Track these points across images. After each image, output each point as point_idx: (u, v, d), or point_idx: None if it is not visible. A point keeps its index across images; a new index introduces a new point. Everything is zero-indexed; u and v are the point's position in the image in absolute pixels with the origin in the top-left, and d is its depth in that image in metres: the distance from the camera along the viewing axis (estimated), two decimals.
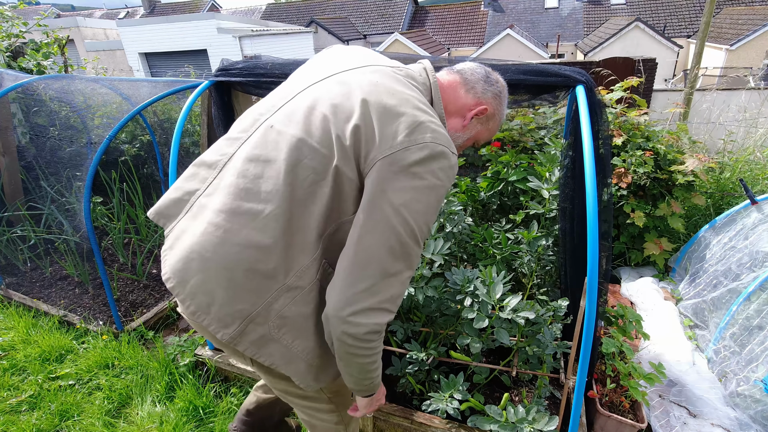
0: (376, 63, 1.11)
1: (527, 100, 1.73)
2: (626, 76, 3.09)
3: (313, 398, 1.23)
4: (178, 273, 1.01)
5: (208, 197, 1.04)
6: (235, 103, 2.24)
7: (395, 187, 0.92)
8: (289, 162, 0.96)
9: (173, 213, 1.10)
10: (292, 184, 0.96)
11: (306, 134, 0.97)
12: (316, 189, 0.96)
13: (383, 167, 0.92)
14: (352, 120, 0.95)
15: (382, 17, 24.40)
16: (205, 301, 0.99)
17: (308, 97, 1.03)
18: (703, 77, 8.82)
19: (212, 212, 1.00)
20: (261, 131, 1.04)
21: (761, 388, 1.80)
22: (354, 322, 0.92)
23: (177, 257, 1.02)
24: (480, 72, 1.18)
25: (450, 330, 1.90)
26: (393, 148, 0.92)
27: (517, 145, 3.04)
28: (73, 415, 2.14)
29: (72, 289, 3.17)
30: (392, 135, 0.93)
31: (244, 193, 0.98)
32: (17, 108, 3.94)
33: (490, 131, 1.25)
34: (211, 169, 1.07)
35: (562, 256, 2.04)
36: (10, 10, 5.10)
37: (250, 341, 1.00)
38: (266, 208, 0.96)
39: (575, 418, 1.49)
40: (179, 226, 1.07)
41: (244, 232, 0.96)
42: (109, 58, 14.29)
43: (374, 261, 0.92)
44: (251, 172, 0.99)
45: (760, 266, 2.18)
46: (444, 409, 1.71)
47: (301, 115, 1.01)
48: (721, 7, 18.63)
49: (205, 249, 0.98)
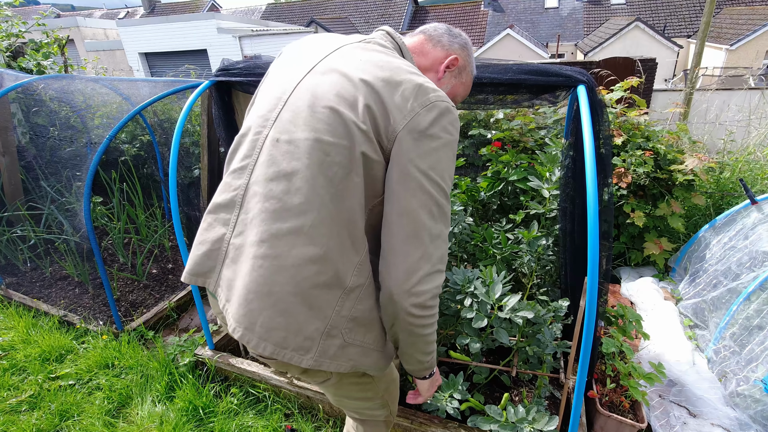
0: (346, 43, 1.09)
1: (527, 100, 1.73)
2: (626, 76, 3.09)
3: (370, 398, 1.25)
4: (243, 319, 0.97)
5: (240, 236, 1.01)
6: (236, 103, 2.24)
7: (418, 152, 0.94)
8: (312, 166, 0.94)
9: (209, 267, 1.06)
10: (324, 186, 0.94)
11: (319, 132, 0.95)
12: (348, 182, 0.95)
13: (403, 137, 0.94)
14: (360, 102, 0.95)
15: (382, 17, 24.40)
16: (279, 335, 0.96)
17: (303, 96, 1.00)
18: (703, 77, 8.82)
19: (252, 247, 0.97)
20: (267, 149, 1.01)
21: (761, 388, 1.80)
22: (419, 291, 0.94)
23: (236, 305, 0.98)
24: (442, 27, 1.19)
25: (450, 330, 1.90)
26: (406, 117, 0.94)
27: (517, 145, 3.04)
28: (73, 415, 2.14)
29: (72, 289, 3.16)
30: (401, 104, 0.95)
31: (278, 215, 0.95)
32: (17, 108, 3.94)
33: (464, 85, 1.25)
34: (230, 209, 1.04)
35: (563, 256, 2.04)
36: (8, 8, 5.09)
37: (330, 356, 0.98)
38: (306, 220, 0.94)
39: (575, 418, 1.49)
40: (224, 277, 1.03)
41: (294, 251, 0.94)
42: (109, 58, 14.29)
43: (420, 228, 0.94)
44: (276, 191, 0.96)
45: (760, 266, 2.18)
46: (444, 408, 1.71)
47: (304, 116, 0.97)
48: (721, 7, 18.64)
49: (261, 285, 0.95)
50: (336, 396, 1.26)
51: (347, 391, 1.22)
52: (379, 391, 1.25)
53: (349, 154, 0.94)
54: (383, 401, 1.30)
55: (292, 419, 2.05)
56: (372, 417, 1.35)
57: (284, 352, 0.96)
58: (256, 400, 2.16)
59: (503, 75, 1.56)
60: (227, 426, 2.01)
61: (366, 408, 1.31)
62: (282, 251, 0.94)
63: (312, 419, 2.04)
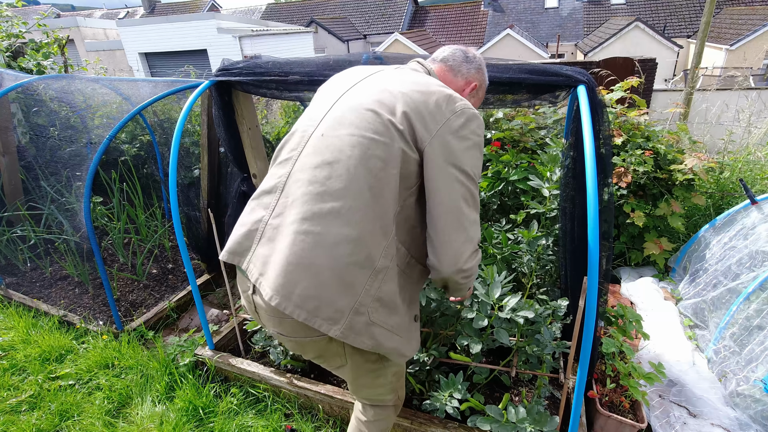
0: (384, 68, 1.29)
1: (527, 100, 1.73)
2: (626, 76, 3.09)
3: (382, 384, 1.35)
4: (281, 288, 1.06)
5: (279, 217, 1.13)
6: (236, 103, 2.24)
7: (453, 151, 1.10)
8: (354, 157, 1.08)
9: (246, 247, 1.16)
10: (363, 176, 1.07)
11: (361, 129, 1.10)
12: (385, 174, 1.08)
13: (439, 139, 1.10)
14: (398, 108, 1.11)
15: (382, 17, 24.40)
16: (313, 305, 1.05)
17: (348, 103, 1.16)
18: (703, 77, 8.81)
19: (294, 224, 1.08)
20: (312, 142, 1.15)
21: (761, 388, 1.80)
22: (466, 269, 1.14)
23: (274, 276, 1.08)
24: (459, 55, 1.35)
25: (450, 330, 1.90)
26: (439, 122, 1.10)
27: (518, 145, 3.04)
28: (73, 415, 2.14)
29: (72, 289, 3.17)
30: (435, 111, 1.11)
31: (320, 197, 1.08)
32: (17, 108, 3.94)
33: (479, 99, 1.45)
34: (272, 194, 1.17)
35: (563, 255, 2.04)
36: (9, 8, 5.09)
37: (356, 332, 1.08)
38: (345, 203, 1.06)
39: (575, 418, 1.49)
40: (258, 255, 1.13)
41: (333, 230, 1.06)
42: (109, 58, 14.29)
43: (460, 216, 1.11)
44: (320, 177, 1.09)
45: (759, 266, 2.18)
46: (443, 408, 1.71)
47: (350, 117, 1.12)
48: (721, 7, 18.64)
49: (302, 257, 1.06)
50: (353, 383, 1.36)
51: (361, 377, 1.31)
52: (388, 376, 1.34)
53: (388, 149, 1.09)
54: (392, 387, 1.40)
55: (292, 419, 2.05)
56: (382, 402, 1.45)
57: (316, 320, 1.06)
58: (256, 400, 2.16)
59: (503, 74, 1.56)
60: (227, 426, 2.01)
61: (377, 394, 1.41)
62: (323, 229, 1.06)
63: (312, 419, 2.04)
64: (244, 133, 2.32)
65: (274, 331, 1.22)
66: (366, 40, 23.65)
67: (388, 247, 1.11)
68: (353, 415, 1.54)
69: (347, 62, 1.83)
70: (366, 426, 1.47)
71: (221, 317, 2.87)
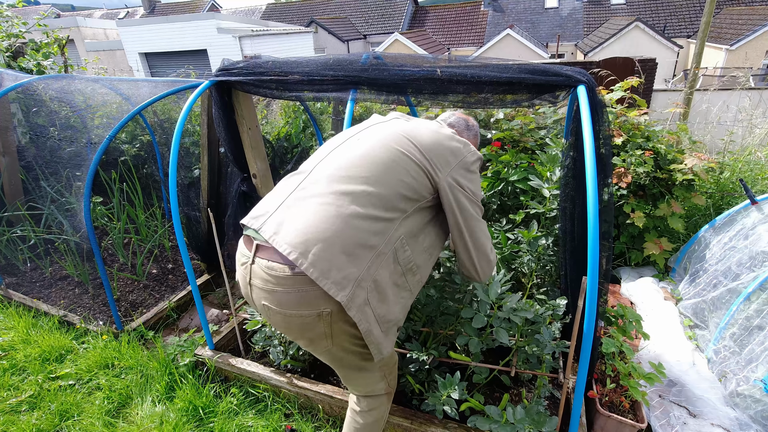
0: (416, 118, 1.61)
1: (527, 100, 1.73)
2: (626, 76, 3.09)
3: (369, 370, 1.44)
4: (299, 246, 1.17)
5: (303, 191, 1.28)
6: (236, 103, 2.24)
7: (465, 181, 1.39)
8: (378, 156, 1.30)
9: (266, 211, 1.29)
10: (386, 174, 1.27)
11: (389, 141, 1.34)
12: (404, 177, 1.29)
13: (456, 172, 1.37)
14: (426, 141, 1.36)
15: (382, 17, 24.40)
16: (326, 266, 1.16)
17: (380, 127, 1.44)
18: (703, 77, 8.81)
19: (316, 197, 1.24)
20: (346, 143, 1.39)
21: (761, 388, 1.80)
22: (487, 268, 1.48)
23: (292, 235, 1.19)
24: (462, 123, 1.70)
25: (450, 330, 1.90)
26: (458, 158, 1.39)
27: (517, 145, 3.04)
28: (73, 415, 2.14)
29: (72, 289, 3.17)
30: (454, 151, 1.40)
31: (345, 179, 1.26)
32: (17, 108, 3.94)
33: None
34: (301, 174, 1.35)
35: (562, 255, 2.04)
36: (9, 9, 5.09)
37: (357, 306, 1.18)
38: (365, 189, 1.24)
39: (575, 418, 1.49)
40: (274, 218, 1.25)
41: (351, 207, 1.21)
42: (109, 58, 14.29)
43: (478, 231, 1.42)
44: (345, 165, 1.30)
45: (759, 266, 2.18)
46: (440, 408, 1.72)
47: (382, 133, 1.38)
48: (721, 7, 18.64)
49: (321, 222, 1.19)
50: (342, 371, 1.44)
51: (347, 365, 1.40)
52: (376, 365, 1.43)
53: (409, 159, 1.32)
54: (382, 375, 1.49)
55: (292, 419, 2.05)
56: (373, 392, 1.51)
57: (326, 282, 1.15)
58: (256, 400, 2.16)
59: (503, 74, 1.56)
60: (227, 426, 2.01)
61: (368, 384, 1.48)
62: (343, 204, 1.22)
63: (312, 419, 2.04)
64: (244, 133, 2.32)
65: (264, 306, 1.27)
66: (366, 40, 23.65)
67: (392, 237, 1.25)
68: (348, 408, 1.58)
69: (347, 62, 1.83)
70: (361, 416, 1.53)
71: (221, 317, 2.87)
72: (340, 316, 1.21)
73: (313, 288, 1.17)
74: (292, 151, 3.62)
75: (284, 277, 1.19)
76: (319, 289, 1.16)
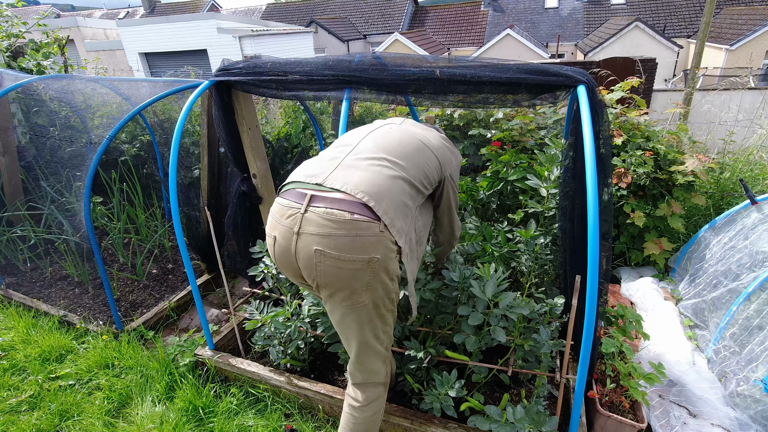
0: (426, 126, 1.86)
1: (527, 100, 1.73)
2: (626, 76, 3.09)
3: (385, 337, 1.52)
4: (375, 195, 1.31)
5: (356, 155, 1.44)
6: (236, 103, 2.24)
7: (455, 175, 1.76)
8: (414, 146, 1.53)
9: (324, 169, 1.40)
10: (417, 158, 1.50)
11: (419, 138, 1.58)
12: (427, 165, 1.53)
13: (453, 171, 1.72)
14: (436, 144, 1.63)
15: (382, 17, 24.39)
16: (392, 215, 1.32)
17: (400, 126, 1.65)
18: (704, 77, 8.81)
19: (373, 161, 1.41)
20: (380, 130, 1.59)
21: (761, 388, 1.80)
22: (459, 233, 1.97)
23: (363, 185, 1.32)
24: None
25: (448, 329, 1.90)
26: (453, 161, 1.72)
27: (517, 145, 3.04)
28: (73, 415, 2.14)
29: (72, 289, 3.17)
30: (454, 153, 1.77)
31: (391, 153, 1.46)
32: (17, 108, 3.94)
33: None
34: (347, 146, 1.51)
35: (562, 255, 2.04)
36: (9, 8, 5.10)
37: (405, 254, 1.38)
38: (396, 159, 1.44)
39: (575, 418, 1.49)
40: (337, 174, 1.38)
41: (400, 172, 1.42)
42: (109, 58, 14.28)
43: (455, 210, 1.84)
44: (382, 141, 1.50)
45: (760, 266, 2.18)
46: (437, 406, 1.72)
47: (407, 130, 1.61)
48: (721, 7, 18.63)
49: (382, 180, 1.35)
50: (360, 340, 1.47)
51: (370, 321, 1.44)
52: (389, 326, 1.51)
53: (432, 154, 1.57)
54: (386, 358, 1.55)
55: (292, 419, 2.05)
56: (375, 379, 1.55)
57: (393, 229, 1.32)
58: (256, 400, 2.16)
59: (503, 74, 1.56)
60: (227, 426, 2.01)
61: (373, 366, 1.53)
62: (394, 168, 1.41)
63: (312, 419, 2.04)
64: (244, 133, 2.32)
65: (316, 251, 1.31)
66: (366, 40, 23.64)
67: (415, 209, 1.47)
68: (345, 405, 1.59)
69: (347, 62, 1.83)
70: (359, 411, 1.55)
71: (221, 317, 2.87)
72: (384, 265, 1.32)
73: (368, 233, 1.28)
74: (292, 151, 3.62)
75: (344, 221, 1.27)
76: (374, 235, 1.28)
